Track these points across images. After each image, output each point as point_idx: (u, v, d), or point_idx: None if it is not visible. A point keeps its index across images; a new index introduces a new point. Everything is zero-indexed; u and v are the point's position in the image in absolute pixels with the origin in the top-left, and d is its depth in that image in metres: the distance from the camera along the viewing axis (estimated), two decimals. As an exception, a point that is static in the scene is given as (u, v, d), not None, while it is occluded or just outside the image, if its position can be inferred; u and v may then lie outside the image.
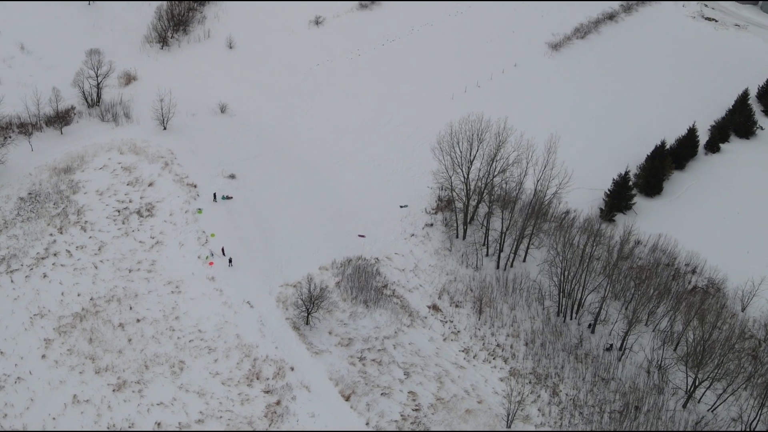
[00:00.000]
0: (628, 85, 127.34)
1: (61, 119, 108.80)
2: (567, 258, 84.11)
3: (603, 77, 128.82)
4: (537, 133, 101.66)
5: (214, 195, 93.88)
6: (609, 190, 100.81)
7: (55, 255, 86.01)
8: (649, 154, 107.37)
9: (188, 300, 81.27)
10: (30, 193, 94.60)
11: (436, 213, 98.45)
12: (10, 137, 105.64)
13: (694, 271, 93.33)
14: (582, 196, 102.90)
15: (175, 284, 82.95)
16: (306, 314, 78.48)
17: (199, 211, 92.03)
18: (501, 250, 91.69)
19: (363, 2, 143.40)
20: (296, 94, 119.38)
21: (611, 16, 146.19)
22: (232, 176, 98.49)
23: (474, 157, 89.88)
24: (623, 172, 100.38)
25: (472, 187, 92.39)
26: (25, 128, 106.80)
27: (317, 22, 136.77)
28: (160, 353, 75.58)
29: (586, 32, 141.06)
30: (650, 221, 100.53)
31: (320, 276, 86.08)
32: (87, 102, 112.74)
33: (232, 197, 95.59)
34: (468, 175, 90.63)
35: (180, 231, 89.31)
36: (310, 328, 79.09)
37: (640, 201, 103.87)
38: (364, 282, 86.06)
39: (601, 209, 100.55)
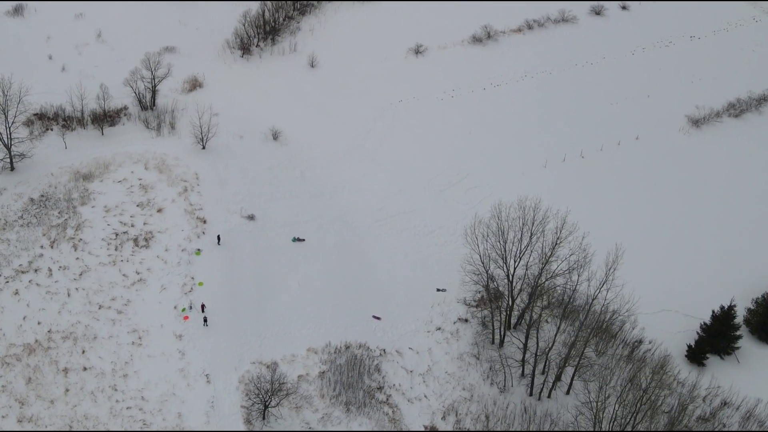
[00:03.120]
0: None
1: (109, 118, 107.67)
2: (617, 403, 68.96)
3: (747, 171, 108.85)
4: (627, 230, 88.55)
5: (218, 237, 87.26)
6: (705, 324, 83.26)
7: (36, 271, 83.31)
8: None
9: (145, 357, 75.02)
10: (42, 196, 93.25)
11: (476, 306, 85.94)
12: (51, 129, 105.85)
13: (795, 460, 74.25)
14: (673, 321, 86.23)
15: (138, 334, 77.09)
16: (263, 408, 69.29)
17: (198, 252, 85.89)
18: (542, 373, 77.89)
19: (478, 35, 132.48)
20: (364, 132, 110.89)
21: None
22: (251, 217, 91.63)
23: (524, 251, 76.83)
24: (728, 305, 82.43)
25: (517, 287, 79.25)
26: (69, 122, 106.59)
27: (417, 52, 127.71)
28: (90, 415, 69.68)
29: (743, 110, 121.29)
30: (755, 376, 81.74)
31: (304, 360, 76.71)
32: (140, 104, 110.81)
33: (304, 239, 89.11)
34: (514, 272, 77.72)
35: (168, 272, 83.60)
36: (264, 425, 69.79)
37: (747, 345, 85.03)
38: (356, 378, 75.64)
39: (689, 346, 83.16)
